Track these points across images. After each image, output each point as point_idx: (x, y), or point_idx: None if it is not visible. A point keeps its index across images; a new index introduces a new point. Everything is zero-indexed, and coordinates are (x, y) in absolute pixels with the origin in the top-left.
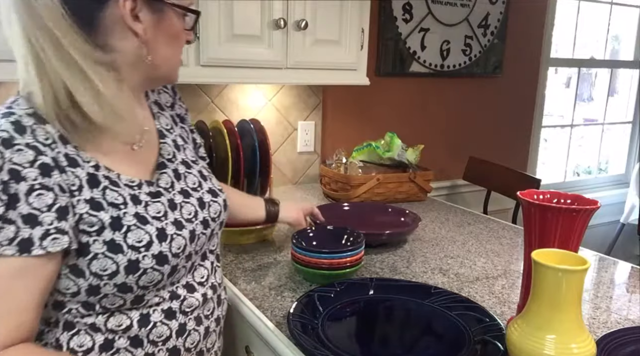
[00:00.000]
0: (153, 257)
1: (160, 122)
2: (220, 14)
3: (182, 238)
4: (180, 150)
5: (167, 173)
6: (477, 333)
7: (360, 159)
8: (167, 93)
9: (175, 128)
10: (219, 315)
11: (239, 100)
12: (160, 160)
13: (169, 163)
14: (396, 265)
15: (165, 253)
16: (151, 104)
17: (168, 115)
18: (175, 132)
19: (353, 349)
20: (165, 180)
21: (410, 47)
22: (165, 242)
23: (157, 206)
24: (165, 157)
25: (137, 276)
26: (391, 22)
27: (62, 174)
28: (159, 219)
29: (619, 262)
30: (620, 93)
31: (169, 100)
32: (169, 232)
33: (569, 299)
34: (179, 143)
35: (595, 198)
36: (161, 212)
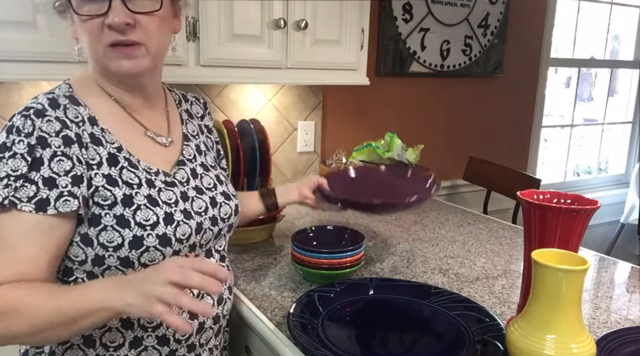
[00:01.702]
0: (157, 236)
1: (187, 127)
2: (220, 14)
3: (188, 227)
4: (202, 155)
5: (185, 170)
6: (477, 333)
7: (360, 159)
8: (198, 105)
9: (201, 136)
10: (219, 314)
11: (239, 100)
12: (181, 158)
13: (188, 162)
14: (396, 265)
15: (170, 236)
16: (182, 111)
17: (196, 124)
18: (200, 139)
19: (353, 349)
20: (182, 175)
21: (410, 47)
22: (171, 226)
23: (170, 194)
24: (186, 156)
25: (139, 252)
26: (391, 22)
27: (82, 149)
28: (169, 205)
29: (619, 262)
30: (620, 93)
31: (199, 112)
32: (177, 217)
33: (569, 299)
34: (202, 149)
35: (595, 198)
36: (172, 200)
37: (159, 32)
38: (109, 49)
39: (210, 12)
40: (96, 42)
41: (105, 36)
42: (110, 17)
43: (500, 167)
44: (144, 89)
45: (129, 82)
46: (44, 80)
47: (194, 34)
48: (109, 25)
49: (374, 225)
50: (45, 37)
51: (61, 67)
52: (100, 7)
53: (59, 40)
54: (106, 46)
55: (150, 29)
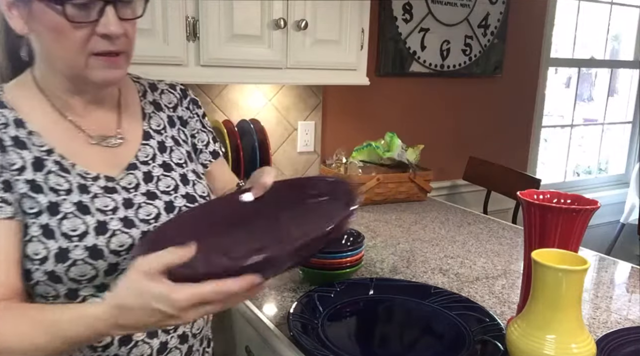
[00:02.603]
0: (86, 248)
1: (150, 122)
2: (220, 14)
3: (128, 236)
4: (166, 152)
5: (136, 174)
6: (477, 333)
7: (360, 159)
8: (172, 94)
9: (170, 130)
10: (186, 332)
11: (239, 100)
12: (133, 161)
13: (142, 165)
14: (396, 265)
15: (101, 247)
16: (146, 104)
17: (165, 116)
18: (166, 133)
19: (353, 349)
20: (129, 180)
21: (410, 47)
22: (103, 236)
23: (106, 200)
24: (140, 158)
25: (66, 266)
26: (391, 22)
27: (3, 153)
28: (104, 212)
29: (619, 262)
30: (620, 93)
31: (172, 101)
32: (112, 226)
33: (569, 299)
34: (168, 145)
35: (595, 198)
36: (109, 207)
37: (135, 38)
38: (94, 58)
39: (210, 12)
40: (80, 51)
41: (93, 45)
42: (104, 26)
43: (500, 167)
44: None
45: (95, 90)
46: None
47: (194, 34)
48: (102, 34)
49: (374, 225)
50: None
51: None
52: (92, 14)
53: None
54: (91, 54)
55: (132, 36)
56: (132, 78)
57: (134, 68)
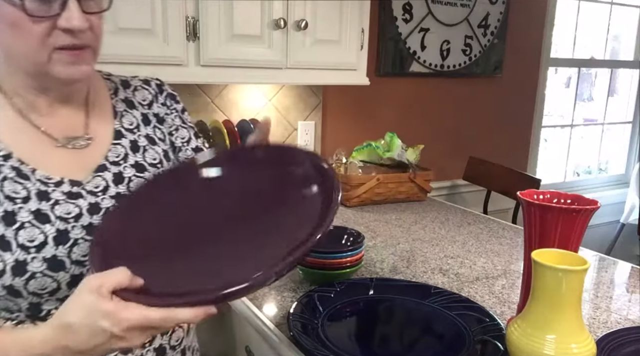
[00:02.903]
0: (44, 260)
1: (122, 121)
2: (220, 14)
3: None
4: (139, 152)
5: (104, 176)
6: (477, 333)
7: (360, 159)
8: (146, 90)
9: (144, 129)
10: (163, 344)
11: (239, 100)
12: (102, 162)
13: (113, 165)
14: (396, 265)
15: (62, 258)
16: (117, 102)
17: (138, 114)
18: (139, 132)
19: (353, 349)
20: (97, 183)
21: (410, 47)
22: (63, 246)
23: (69, 207)
24: (111, 159)
25: (24, 279)
26: (391, 22)
27: None
28: (66, 220)
29: (619, 261)
30: (620, 93)
31: (147, 98)
32: (74, 235)
33: (569, 299)
34: (141, 145)
35: (595, 198)
36: (72, 214)
37: (102, 32)
38: (57, 52)
39: (210, 12)
40: (40, 46)
41: (55, 39)
42: (66, 20)
43: (500, 167)
44: (66, 90)
45: (59, 87)
46: None
47: (194, 34)
48: (65, 28)
49: (374, 225)
50: None
51: None
52: (53, 7)
53: None
54: (54, 49)
55: (99, 30)
56: (103, 75)
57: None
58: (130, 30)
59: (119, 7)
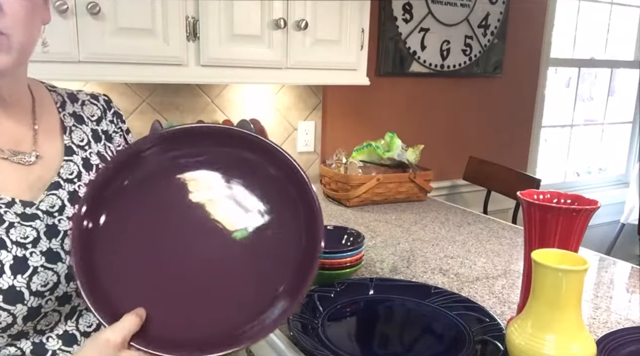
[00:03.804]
0: (0, 291)
1: (72, 136)
2: (220, 14)
3: (53, 273)
4: (92, 170)
5: (59, 194)
6: (477, 333)
7: (360, 159)
8: (95, 105)
9: (95, 146)
10: None
11: (239, 100)
12: (56, 179)
13: (67, 183)
14: (396, 265)
15: (20, 288)
16: (65, 116)
17: (88, 130)
18: (91, 149)
19: (353, 349)
20: (52, 202)
21: (410, 47)
22: (22, 275)
23: (26, 230)
24: (64, 176)
25: None
26: (391, 22)
27: None
28: (23, 246)
29: (619, 261)
30: (620, 93)
31: (95, 114)
32: (33, 262)
33: (569, 299)
34: (93, 162)
35: (595, 198)
36: (29, 238)
37: (28, 20)
38: None
39: (211, 12)
40: None
41: None
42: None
43: (500, 167)
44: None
45: None
46: None
47: (194, 34)
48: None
49: (374, 225)
50: None
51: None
52: None
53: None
54: None
55: (18, 16)
56: (47, 87)
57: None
58: (130, 30)
59: (119, 7)
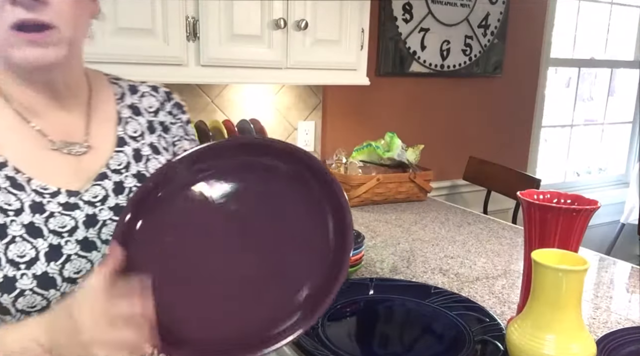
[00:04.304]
0: (34, 277)
1: (126, 128)
2: (220, 14)
3: (87, 261)
4: (141, 161)
5: (104, 185)
6: (477, 333)
7: (360, 159)
8: (154, 97)
9: (148, 137)
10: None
11: (239, 100)
12: (104, 170)
13: (114, 174)
14: (396, 265)
15: (53, 275)
16: (123, 108)
17: (144, 121)
18: (144, 141)
19: (353, 349)
20: (96, 192)
21: (410, 47)
22: (55, 262)
23: (64, 219)
24: (112, 167)
25: (12, 297)
26: (391, 22)
27: None
28: (59, 234)
29: (619, 261)
30: (620, 93)
31: (153, 105)
32: (67, 251)
33: (569, 299)
34: (144, 154)
35: (595, 198)
36: (66, 227)
37: (76, 13)
38: (13, 33)
39: (211, 12)
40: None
41: (7, 15)
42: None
43: (500, 167)
44: (52, 84)
45: (37, 76)
46: None
47: (194, 34)
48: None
49: (374, 225)
50: None
51: None
52: None
53: None
54: (9, 28)
55: (64, 8)
56: (111, 79)
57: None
58: (130, 30)
59: (118, 7)
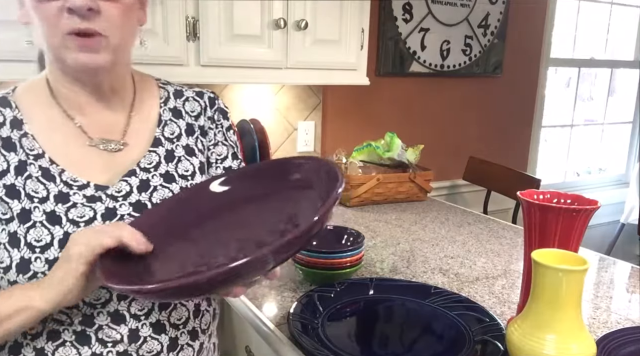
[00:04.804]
0: (47, 261)
1: (164, 129)
2: (220, 14)
3: None
4: (172, 162)
5: (130, 181)
6: (477, 333)
7: (360, 159)
8: (197, 102)
9: (185, 139)
10: (195, 327)
11: (239, 100)
12: (133, 167)
13: (142, 172)
14: (396, 265)
15: None
16: (165, 110)
17: (183, 124)
18: (179, 142)
19: (353, 349)
20: (122, 187)
21: (410, 47)
22: None
23: (85, 210)
24: (143, 165)
25: (27, 277)
26: (391, 22)
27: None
28: (77, 224)
29: (619, 261)
30: (620, 93)
31: (195, 110)
32: None
33: (569, 299)
34: (177, 155)
35: (595, 198)
36: (85, 217)
37: (123, 22)
38: (68, 37)
39: (210, 12)
40: (53, 29)
41: (64, 22)
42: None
43: (500, 167)
44: (98, 86)
45: (85, 78)
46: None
47: (194, 34)
48: (68, 8)
49: (374, 225)
50: None
51: None
52: None
53: None
54: (64, 34)
55: (113, 18)
56: (160, 83)
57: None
58: None
59: None
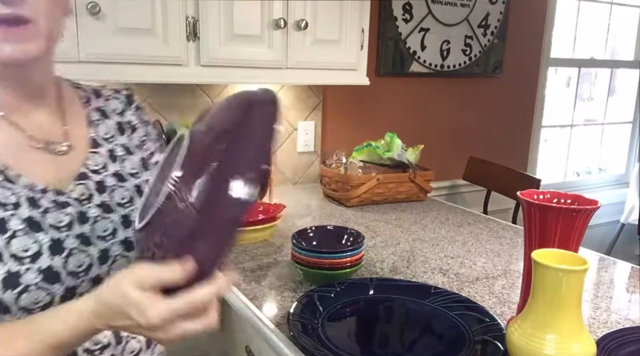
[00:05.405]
0: (40, 271)
1: (98, 130)
2: (220, 14)
3: (86, 255)
4: (117, 161)
5: (87, 184)
6: (477, 333)
7: (360, 159)
8: (117, 99)
9: (119, 138)
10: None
11: None
12: (83, 170)
13: (93, 174)
14: (396, 265)
15: (57, 269)
16: (91, 111)
17: (113, 123)
18: (116, 141)
19: (353, 349)
20: (81, 191)
21: (410, 47)
22: (59, 256)
23: (60, 215)
24: (90, 167)
25: (16, 293)
26: (391, 22)
27: None
28: (58, 229)
29: (619, 261)
30: (620, 93)
31: (118, 107)
32: (68, 245)
33: (569, 299)
34: (118, 154)
35: (595, 198)
36: (63, 222)
37: (51, 9)
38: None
39: (210, 12)
40: None
41: None
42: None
43: (500, 167)
44: (28, 82)
45: (11, 73)
46: None
47: (194, 34)
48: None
49: (374, 225)
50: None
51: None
52: None
53: None
54: None
55: (40, 3)
56: (73, 84)
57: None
58: (130, 30)
59: (118, 7)
